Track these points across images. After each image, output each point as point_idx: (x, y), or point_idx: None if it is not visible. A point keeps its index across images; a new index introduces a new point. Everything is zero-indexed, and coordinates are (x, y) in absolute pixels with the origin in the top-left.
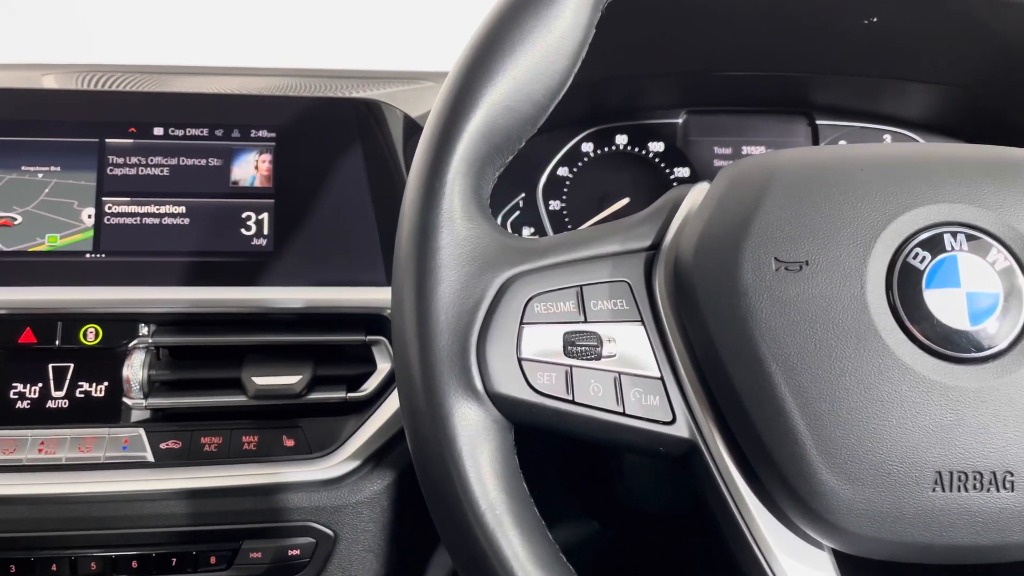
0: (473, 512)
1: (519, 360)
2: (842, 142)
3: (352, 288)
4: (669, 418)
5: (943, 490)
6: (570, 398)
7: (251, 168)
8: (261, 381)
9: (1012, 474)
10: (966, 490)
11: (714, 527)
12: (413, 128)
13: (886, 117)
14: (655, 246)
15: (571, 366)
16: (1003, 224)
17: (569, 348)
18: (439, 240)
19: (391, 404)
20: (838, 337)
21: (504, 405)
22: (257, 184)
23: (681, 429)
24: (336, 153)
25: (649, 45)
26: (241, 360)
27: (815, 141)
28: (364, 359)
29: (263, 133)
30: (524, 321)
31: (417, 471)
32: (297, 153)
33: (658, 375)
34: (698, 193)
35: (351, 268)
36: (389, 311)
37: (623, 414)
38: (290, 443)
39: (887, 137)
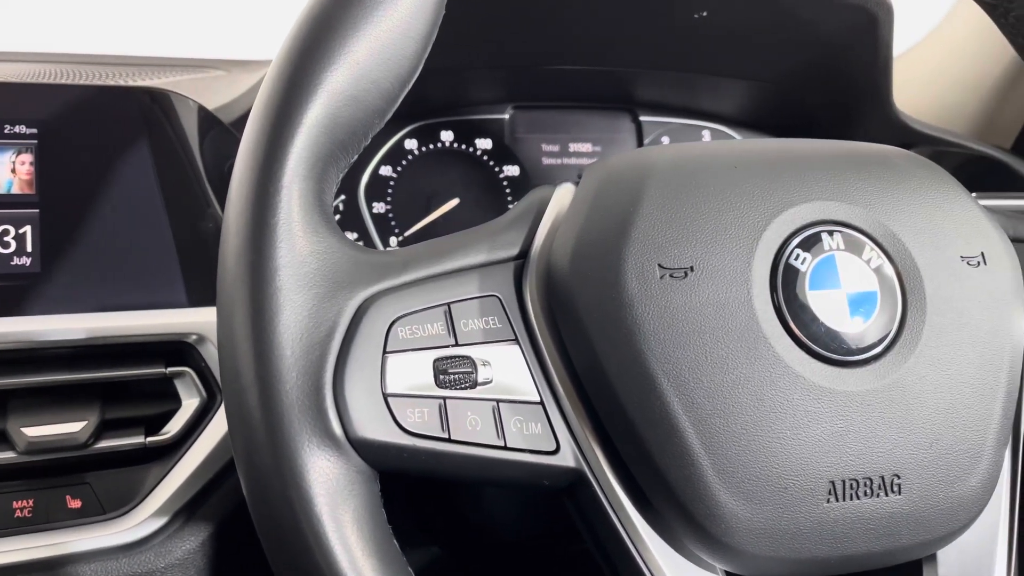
0: None
1: (384, 396)
2: (665, 139)
3: (145, 312)
4: (552, 447)
5: (836, 500)
6: (446, 436)
7: (7, 172)
8: (33, 432)
9: (899, 476)
10: (857, 498)
11: (600, 555)
12: (211, 121)
13: (705, 113)
14: (523, 254)
15: (444, 398)
16: (874, 221)
17: (441, 377)
18: (277, 258)
19: (202, 446)
20: (728, 346)
21: (369, 452)
22: (16, 191)
23: (566, 458)
24: (116, 152)
25: (473, 37)
26: (5, 407)
27: (639, 137)
28: (165, 395)
29: (21, 129)
30: (388, 349)
31: (264, 541)
32: (66, 152)
33: (538, 399)
34: (564, 194)
35: (143, 288)
36: (193, 337)
37: (504, 448)
38: (76, 504)
39: (706, 134)
